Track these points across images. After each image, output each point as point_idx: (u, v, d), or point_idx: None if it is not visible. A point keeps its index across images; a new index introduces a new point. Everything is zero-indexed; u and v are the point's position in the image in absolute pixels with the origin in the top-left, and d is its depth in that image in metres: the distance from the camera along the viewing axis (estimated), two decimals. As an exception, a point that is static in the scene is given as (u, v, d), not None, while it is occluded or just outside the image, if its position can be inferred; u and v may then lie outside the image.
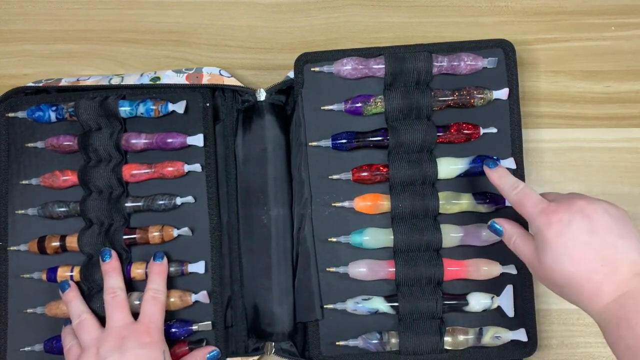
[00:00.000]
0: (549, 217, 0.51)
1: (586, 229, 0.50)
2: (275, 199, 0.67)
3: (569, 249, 0.50)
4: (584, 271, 0.49)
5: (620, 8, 0.75)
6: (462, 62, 0.65)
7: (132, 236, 0.65)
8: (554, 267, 0.50)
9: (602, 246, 0.49)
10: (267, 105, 0.68)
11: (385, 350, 0.64)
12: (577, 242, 0.49)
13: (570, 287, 0.50)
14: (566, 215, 0.51)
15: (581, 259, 0.49)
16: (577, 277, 0.49)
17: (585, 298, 0.49)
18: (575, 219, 0.50)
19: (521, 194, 0.55)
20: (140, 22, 0.77)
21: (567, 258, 0.49)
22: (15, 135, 0.69)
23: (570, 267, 0.49)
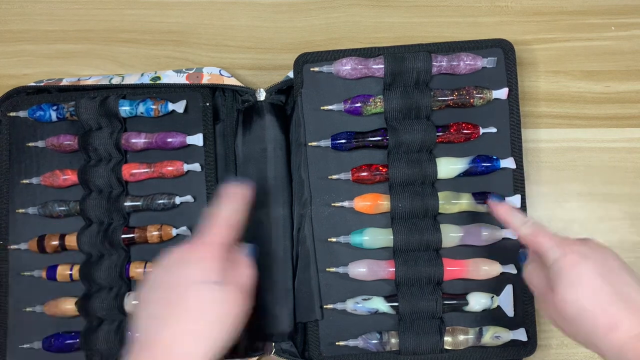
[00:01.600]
0: (566, 248, 0.50)
1: (602, 264, 0.49)
2: (275, 199, 0.67)
3: (585, 279, 0.48)
4: (599, 302, 0.47)
5: (620, 8, 0.75)
6: (462, 62, 0.65)
7: (131, 235, 0.65)
8: (568, 297, 0.49)
9: (617, 282, 0.48)
10: (267, 105, 0.68)
11: (385, 350, 0.64)
12: (593, 274, 0.48)
13: (584, 319, 0.48)
14: (583, 248, 0.50)
15: (597, 290, 0.48)
16: (591, 308, 0.48)
17: (600, 332, 0.47)
18: (592, 254, 0.50)
19: (535, 227, 0.54)
20: (140, 22, 0.77)
21: (582, 287, 0.48)
22: (17, 134, 0.69)
23: (585, 297, 0.48)
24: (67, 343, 0.65)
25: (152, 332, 0.47)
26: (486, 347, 0.64)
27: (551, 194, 0.72)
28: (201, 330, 0.47)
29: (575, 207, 0.71)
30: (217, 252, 0.50)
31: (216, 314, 0.48)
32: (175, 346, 0.46)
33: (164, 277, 0.50)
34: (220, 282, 0.49)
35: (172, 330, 0.47)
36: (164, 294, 0.49)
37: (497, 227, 0.64)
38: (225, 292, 0.49)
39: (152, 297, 0.49)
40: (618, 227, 0.71)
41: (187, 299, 0.48)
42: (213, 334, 0.47)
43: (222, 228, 0.52)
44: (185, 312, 0.47)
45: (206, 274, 0.49)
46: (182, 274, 0.49)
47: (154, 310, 0.48)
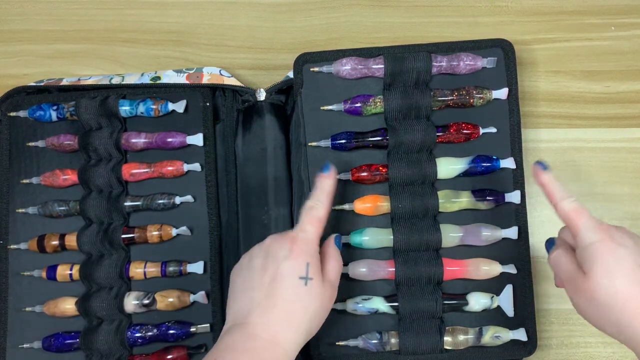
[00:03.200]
0: (605, 233, 0.50)
1: (637, 252, 0.49)
2: (275, 199, 0.67)
3: (621, 263, 0.48)
4: (632, 286, 0.48)
5: (620, 8, 0.75)
6: (462, 62, 0.65)
7: (131, 235, 0.65)
8: (602, 280, 0.48)
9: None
10: (267, 105, 0.68)
11: (385, 350, 0.64)
12: (629, 260, 0.48)
13: (616, 302, 0.48)
14: (619, 234, 0.51)
15: (632, 274, 0.48)
16: (626, 291, 0.48)
17: (632, 313, 0.47)
18: (628, 241, 0.50)
19: (577, 205, 0.53)
20: (140, 22, 0.77)
21: (618, 271, 0.48)
22: (17, 134, 0.69)
23: (621, 281, 0.48)
24: (67, 343, 0.65)
25: (251, 314, 0.51)
26: (486, 347, 0.64)
27: (551, 194, 0.72)
28: (298, 321, 0.52)
29: (575, 207, 0.71)
30: (312, 248, 0.54)
31: (308, 308, 0.52)
32: (272, 330, 0.51)
33: (264, 263, 0.53)
34: (312, 278, 0.52)
35: (271, 317, 0.51)
36: (264, 280, 0.52)
37: (497, 227, 0.64)
38: (316, 288, 0.52)
39: (253, 281, 0.53)
40: (618, 227, 0.71)
41: (285, 291, 0.52)
42: (303, 326, 0.52)
43: (316, 224, 0.56)
44: (283, 303, 0.51)
45: (301, 269, 0.52)
46: (280, 266, 0.52)
47: (253, 294, 0.52)
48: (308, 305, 0.52)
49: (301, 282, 0.52)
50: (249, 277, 0.54)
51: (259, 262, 0.54)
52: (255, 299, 0.52)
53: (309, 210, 0.56)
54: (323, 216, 0.56)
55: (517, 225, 0.65)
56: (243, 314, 0.52)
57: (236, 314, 0.53)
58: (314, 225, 0.55)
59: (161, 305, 0.64)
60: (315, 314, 0.53)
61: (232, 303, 0.54)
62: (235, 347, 0.50)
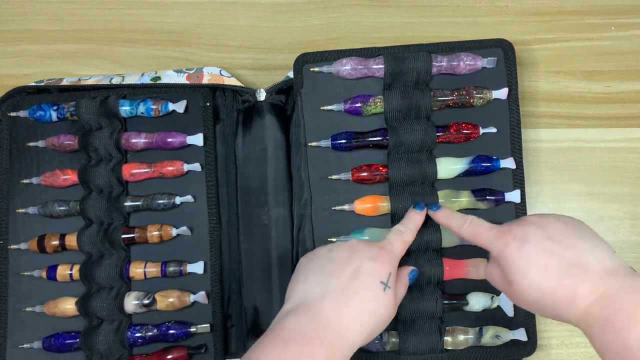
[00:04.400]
0: (505, 237, 0.51)
1: (543, 237, 0.49)
2: (276, 199, 0.67)
3: (532, 260, 0.48)
4: (553, 278, 0.47)
5: (620, 8, 0.75)
6: (462, 62, 0.65)
7: (131, 235, 0.65)
8: (523, 282, 0.49)
9: (563, 250, 0.48)
10: (267, 105, 0.68)
11: (385, 350, 0.64)
12: (538, 252, 0.48)
13: (545, 298, 0.48)
14: (520, 230, 0.50)
15: (547, 267, 0.48)
16: (547, 286, 0.48)
17: (562, 305, 0.47)
18: (530, 231, 0.50)
19: (473, 226, 0.55)
20: (140, 22, 0.77)
21: (532, 270, 0.48)
22: (17, 134, 0.69)
23: (537, 277, 0.48)
24: (67, 343, 0.65)
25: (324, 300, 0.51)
26: (486, 347, 0.64)
27: (551, 194, 0.72)
28: (365, 321, 0.51)
29: (575, 207, 0.71)
30: (395, 262, 0.56)
31: (377, 313, 0.52)
32: (343, 325, 0.50)
33: (348, 257, 0.54)
34: (390, 287, 0.53)
35: (345, 310, 0.50)
36: (345, 271, 0.52)
37: (497, 227, 0.64)
38: (388, 296, 0.53)
39: (332, 269, 0.53)
40: (618, 227, 0.71)
41: (364, 289, 0.52)
42: (369, 328, 0.51)
43: (402, 245, 0.58)
44: (359, 299, 0.51)
45: (384, 275, 0.53)
46: (365, 265, 0.53)
47: (331, 280, 0.52)
48: (379, 309, 0.52)
49: (380, 286, 0.52)
50: (329, 264, 0.53)
51: (343, 255, 0.54)
52: (332, 286, 0.51)
53: (398, 233, 0.59)
54: (409, 241, 0.59)
55: (517, 225, 0.65)
56: (314, 296, 0.51)
57: (305, 294, 0.52)
58: (401, 244, 0.58)
59: (161, 305, 0.65)
60: (380, 321, 0.52)
61: (302, 282, 0.53)
62: (305, 332, 0.49)
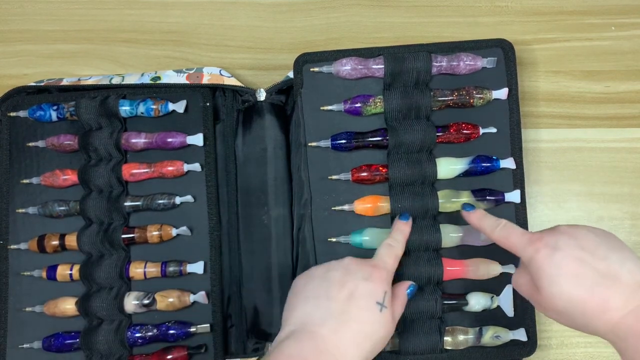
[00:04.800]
0: (536, 244, 0.50)
1: (575, 247, 0.49)
2: (276, 199, 0.67)
3: (562, 268, 0.48)
4: (584, 287, 0.47)
5: (620, 8, 0.75)
6: (462, 62, 0.65)
7: (131, 235, 0.65)
8: (552, 290, 0.48)
9: (595, 260, 0.48)
10: (267, 105, 0.68)
11: (385, 350, 0.64)
12: (569, 260, 0.48)
13: (574, 307, 0.47)
14: (552, 238, 0.50)
15: (578, 275, 0.47)
16: (577, 295, 0.47)
17: (592, 315, 0.47)
18: (562, 240, 0.49)
19: (505, 230, 0.54)
20: (140, 22, 0.77)
21: (562, 278, 0.48)
22: (17, 134, 0.69)
23: (567, 286, 0.47)
24: (67, 343, 0.65)
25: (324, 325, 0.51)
26: (486, 347, 0.64)
27: (551, 194, 0.72)
28: (362, 343, 0.51)
29: (575, 207, 0.71)
30: (389, 279, 0.56)
31: (375, 334, 0.52)
32: (340, 350, 0.50)
33: (343, 278, 0.53)
34: (387, 307, 0.53)
35: (343, 335, 0.50)
36: (341, 294, 0.52)
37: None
38: (385, 316, 0.53)
39: (328, 292, 0.53)
40: (618, 227, 0.71)
41: (360, 312, 0.52)
42: (367, 350, 0.51)
43: (394, 259, 0.58)
44: (356, 323, 0.51)
45: (379, 295, 0.53)
46: (360, 286, 0.53)
47: (329, 304, 0.52)
48: (377, 331, 0.52)
49: (377, 307, 0.52)
50: (325, 287, 0.53)
51: (337, 276, 0.54)
52: (331, 310, 0.51)
53: (388, 247, 0.58)
54: (400, 255, 0.59)
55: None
56: (313, 321, 0.51)
57: (304, 319, 0.52)
58: (393, 259, 0.58)
59: (161, 305, 0.65)
60: (378, 341, 0.52)
61: (300, 306, 0.53)
62: (306, 358, 0.49)
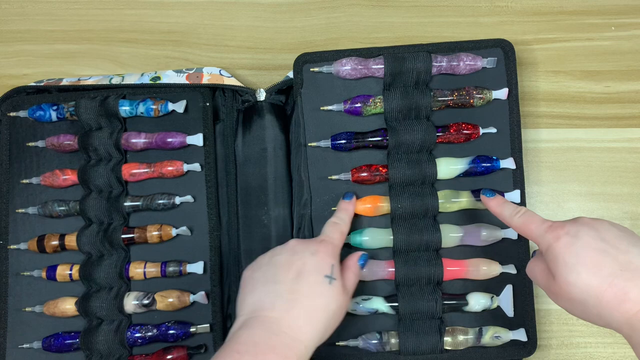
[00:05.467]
0: (557, 232, 0.50)
1: (596, 238, 0.48)
2: (276, 199, 0.67)
3: (582, 257, 0.48)
4: (603, 277, 0.46)
5: (620, 8, 0.75)
6: (462, 62, 0.65)
7: (131, 235, 0.65)
8: (570, 279, 0.48)
9: (616, 253, 0.47)
10: (267, 105, 0.68)
11: (385, 351, 0.64)
12: (589, 250, 0.48)
13: (590, 296, 0.47)
14: (573, 227, 0.50)
15: (597, 265, 0.47)
16: (596, 284, 0.47)
17: (608, 305, 0.46)
18: (583, 230, 0.49)
19: (525, 216, 0.54)
20: (140, 22, 0.77)
21: (582, 266, 0.47)
22: (17, 134, 0.69)
23: (586, 275, 0.47)
24: (67, 343, 0.65)
25: (274, 308, 0.51)
26: (486, 347, 0.64)
27: (551, 194, 0.72)
28: (316, 318, 0.51)
29: (575, 207, 0.71)
30: (337, 253, 0.57)
31: (328, 307, 0.53)
32: (294, 329, 0.50)
33: (289, 259, 0.54)
34: (336, 279, 0.54)
35: (294, 312, 0.51)
36: (288, 275, 0.53)
37: (497, 227, 0.64)
38: (338, 289, 0.53)
39: (276, 275, 0.53)
40: (618, 227, 0.71)
41: (309, 287, 0.52)
42: (322, 324, 0.52)
43: (339, 235, 0.59)
44: (307, 299, 0.52)
45: (327, 268, 0.54)
46: (307, 262, 0.54)
47: (277, 287, 0.52)
48: (329, 303, 0.52)
49: (326, 280, 0.53)
50: (272, 272, 0.54)
51: (284, 258, 0.54)
52: (279, 293, 0.52)
53: (333, 224, 0.60)
54: (345, 232, 0.60)
55: (517, 225, 0.65)
56: (264, 306, 0.51)
57: (254, 306, 0.52)
58: (338, 234, 0.59)
59: (161, 306, 0.65)
60: (333, 315, 0.53)
61: (249, 295, 0.53)
62: (257, 342, 0.49)
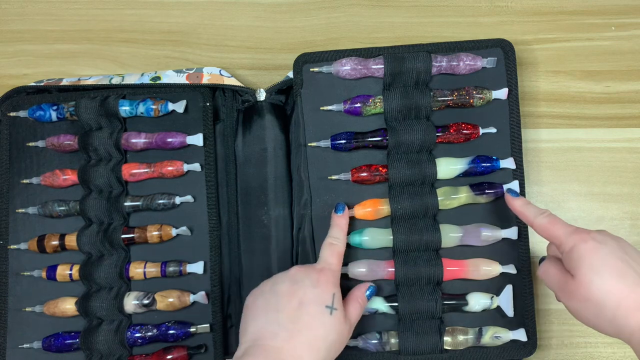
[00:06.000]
0: (583, 235, 0.51)
1: (620, 249, 0.50)
2: (276, 199, 0.67)
3: (608, 262, 0.49)
4: (626, 283, 0.48)
5: (620, 8, 0.75)
6: (462, 62, 0.65)
7: (131, 235, 0.65)
8: (593, 279, 0.49)
9: (637, 265, 0.49)
10: (267, 105, 0.68)
11: (385, 351, 0.64)
12: (614, 258, 0.49)
13: (609, 300, 0.48)
14: (599, 235, 0.51)
15: (622, 272, 0.49)
16: (617, 290, 0.48)
17: (625, 311, 0.48)
18: (608, 239, 0.51)
19: (551, 217, 0.55)
20: (140, 22, 0.77)
21: (607, 270, 0.49)
22: (17, 134, 0.69)
23: (610, 279, 0.48)
24: (67, 343, 0.65)
25: (277, 337, 0.52)
26: (486, 347, 0.64)
27: (551, 194, 0.72)
28: (317, 348, 0.53)
29: (575, 207, 0.71)
30: (337, 280, 0.57)
31: (329, 337, 0.54)
32: (297, 355, 0.51)
33: (291, 288, 0.55)
34: (337, 309, 0.55)
35: (297, 342, 0.52)
36: (291, 304, 0.54)
37: (497, 228, 0.64)
38: (339, 319, 0.55)
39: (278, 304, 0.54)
40: (618, 227, 0.71)
41: (311, 317, 0.53)
42: (322, 354, 0.53)
43: (337, 258, 0.60)
44: (308, 330, 0.53)
45: (328, 299, 0.55)
46: (309, 293, 0.54)
47: (279, 316, 0.53)
48: (329, 333, 0.53)
49: (327, 311, 0.54)
50: (274, 300, 0.54)
51: (285, 287, 0.55)
52: (282, 322, 0.53)
53: (330, 247, 0.60)
54: (342, 251, 0.61)
55: (517, 225, 0.65)
56: (266, 335, 0.53)
57: (257, 334, 0.53)
58: (336, 259, 0.59)
59: (161, 306, 0.65)
60: (333, 344, 0.54)
61: (252, 323, 0.54)
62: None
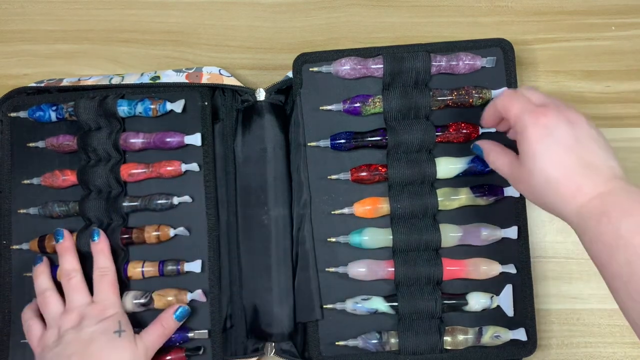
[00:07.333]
0: (537, 119, 0.52)
1: (570, 135, 0.51)
2: (275, 199, 0.67)
3: (551, 150, 0.50)
4: (563, 172, 0.50)
5: (620, 8, 0.74)
6: (461, 61, 0.65)
7: (129, 235, 0.65)
8: (535, 167, 0.51)
9: (584, 152, 0.50)
10: (267, 105, 0.68)
11: (384, 350, 0.64)
12: (560, 146, 0.50)
13: (549, 186, 0.50)
14: (553, 120, 0.51)
15: (562, 161, 0.50)
16: (556, 176, 0.50)
17: (563, 197, 0.50)
18: (561, 125, 0.51)
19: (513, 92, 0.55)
20: (140, 22, 0.77)
21: (548, 158, 0.50)
22: (18, 135, 0.69)
23: (550, 167, 0.50)
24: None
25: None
26: (486, 347, 0.64)
27: (551, 193, 0.72)
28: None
29: (575, 207, 0.71)
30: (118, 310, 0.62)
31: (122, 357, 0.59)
32: None
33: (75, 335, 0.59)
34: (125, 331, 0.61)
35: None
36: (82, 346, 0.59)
37: (497, 227, 0.64)
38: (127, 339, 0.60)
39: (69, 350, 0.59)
40: (618, 227, 0.71)
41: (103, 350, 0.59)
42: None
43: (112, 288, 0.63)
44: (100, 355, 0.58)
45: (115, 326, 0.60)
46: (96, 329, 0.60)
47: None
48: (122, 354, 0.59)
49: (115, 335, 0.60)
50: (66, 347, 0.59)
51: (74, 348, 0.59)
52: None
53: (100, 279, 0.63)
54: (114, 278, 0.64)
55: (516, 225, 0.65)
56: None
57: None
58: (112, 290, 0.63)
59: (159, 304, 0.64)
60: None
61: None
62: None
